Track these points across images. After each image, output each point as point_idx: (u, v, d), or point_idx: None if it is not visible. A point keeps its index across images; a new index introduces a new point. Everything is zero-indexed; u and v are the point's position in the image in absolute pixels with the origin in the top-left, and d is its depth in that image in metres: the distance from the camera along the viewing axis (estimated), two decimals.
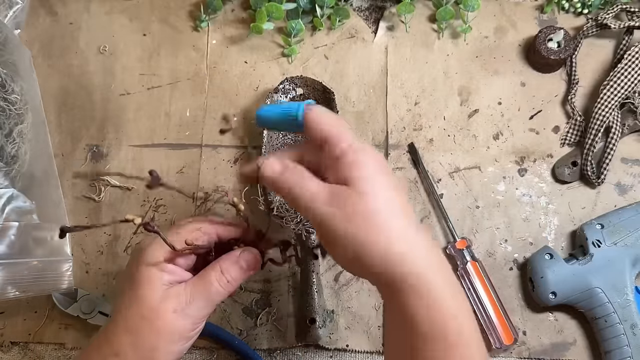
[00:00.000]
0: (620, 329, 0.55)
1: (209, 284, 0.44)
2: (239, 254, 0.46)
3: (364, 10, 0.70)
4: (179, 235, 0.45)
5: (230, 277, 0.45)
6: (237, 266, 0.46)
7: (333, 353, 0.59)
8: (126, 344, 0.42)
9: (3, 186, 0.56)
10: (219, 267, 0.45)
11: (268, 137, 0.62)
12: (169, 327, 0.43)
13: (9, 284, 0.55)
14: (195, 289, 0.44)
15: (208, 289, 0.44)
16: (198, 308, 0.44)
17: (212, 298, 0.44)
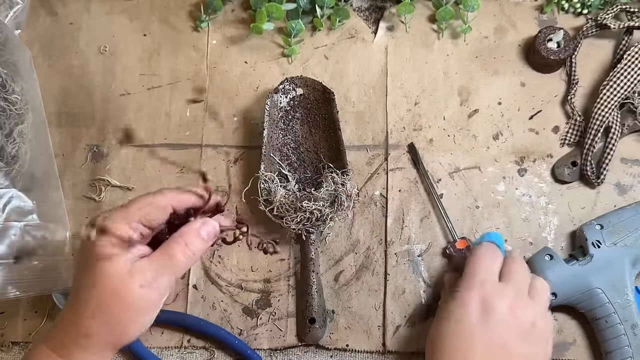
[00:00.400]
0: (621, 329, 0.55)
1: (174, 257, 0.44)
2: (199, 225, 0.46)
3: (364, 11, 0.70)
4: (127, 213, 0.45)
5: (195, 249, 0.45)
6: (199, 238, 0.46)
7: (333, 353, 0.59)
8: (97, 323, 0.43)
9: (3, 186, 0.56)
10: (183, 240, 0.45)
11: (268, 137, 0.63)
12: (139, 301, 0.43)
13: (10, 284, 0.55)
14: (159, 263, 0.44)
15: (173, 263, 0.44)
16: (164, 281, 0.44)
17: (177, 270, 0.45)
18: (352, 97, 0.67)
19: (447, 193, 0.63)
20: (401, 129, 0.66)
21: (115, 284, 0.43)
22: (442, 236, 0.62)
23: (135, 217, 0.45)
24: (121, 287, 0.43)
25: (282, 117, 0.64)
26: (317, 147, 0.64)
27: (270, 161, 0.62)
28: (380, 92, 0.67)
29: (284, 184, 0.61)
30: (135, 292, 0.43)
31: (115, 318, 0.43)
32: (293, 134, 0.64)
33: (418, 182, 0.64)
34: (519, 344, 0.48)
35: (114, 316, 0.43)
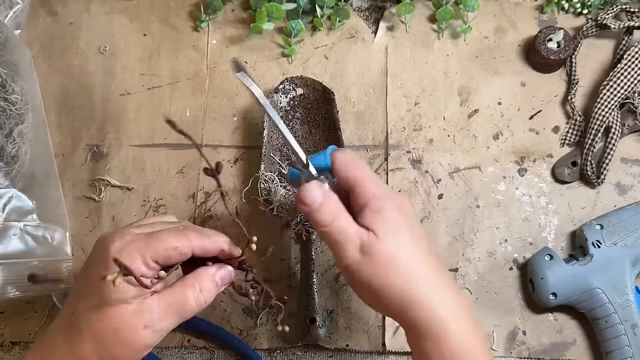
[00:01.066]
0: (621, 329, 0.55)
1: (185, 301, 0.43)
2: (215, 270, 0.45)
3: (364, 11, 0.70)
4: (148, 248, 0.42)
5: (208, 296, 0.44)
6: (213, 284, 0.44)
7: (333, 353, 0.59)
8: (91, 350, 0.41)
9: (3, 186, 0.56)
10: (198, 285, 0.43)
11: (268, 137, 0.63)
12: (138, 341, 0.41)
13: (9, 284, 0.55)
14: (168, 304, 0.42)
15: (182, 307, 0.43)
16: (169, 324, 0.43)
17: (185, 315, 0.43)
18: (352, 97, 0.67)
19: (447, 193, 0.63)
20: (401, 129, 0.66)
21: (119, 321, 0.41)
22: (444, 233, 0.62)
23: (155, 256, 0.42)
24: (124, 325, 0.41)
25: (282, 117, 0.64)
26: (317, 147, 0.64)
27: (270, 161, 0.62)
28: (380, 92, 0.67)
29: (284, 184, 0.61)
30: (137, 333, 0.41)
31: (110, 352, 0.41)
32: (293, 134, 0.64)
33: (418, 182, 0.64)
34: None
35: (109, 350, 0.41)
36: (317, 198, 0.44)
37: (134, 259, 0.41)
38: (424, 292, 0.43)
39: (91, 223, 0.63)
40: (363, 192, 0.45)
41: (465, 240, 0.62)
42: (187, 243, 0.43)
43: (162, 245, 0.42)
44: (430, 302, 0.43)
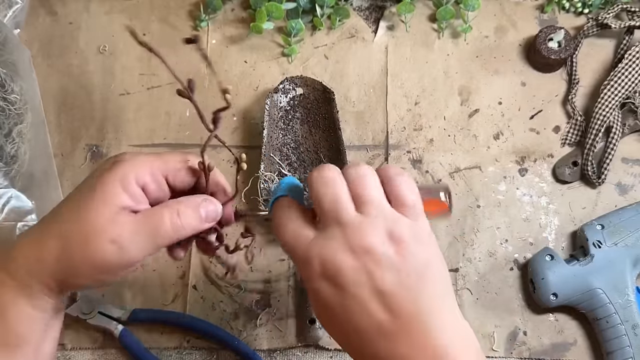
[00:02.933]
0: (622, 329, 0.55)
1: (160, 221, 0.39)
2: (201, 200, 0.41)
3: (364, 10, 0.70)
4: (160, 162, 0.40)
5: (185, 222, 0.40)
6: (196, 213, 0.40)
7: (333, 353, 0.59)
8: (51, 248, 0.38)
9: (3, 186, 0.56)
10: (176, 207, 0.40)
11: (268, 137, 0.62)
12: (99, 254, 0.38)
13: None
14: (142, 222, 0.39)
15: (156, 227, 0.39)
16: (138, 246, 0.39)
17: (157, 239, 0.39)
18: (352, 97, 0.67)
19: None
20: (401, 129, 0.65)
21: (90, 226, 0.38)
22: (445, 233, 0.62)
23: (164, 169, 0.40)
24: (92, 232, 0.38)
25: (282, 116, 0.64)
26: (317, 147, 0.63)
27: (270, 161, 0.62)
28: (380, 91, 0.67)
29: None
30: (102, 244, 0.38)
31: (71, 258, 0.38)
32: (293, 133, 0.64)
33: (418, 182, 0.63)
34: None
35: (71, 256, 0.38)
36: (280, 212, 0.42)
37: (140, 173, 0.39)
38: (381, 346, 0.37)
39: None
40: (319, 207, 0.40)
41: (465, 241, 0.62)
42: (194, 158, 0.42)
43: (172, 157, 0.41)
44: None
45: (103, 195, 0.38)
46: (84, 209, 0.38)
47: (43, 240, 0.39)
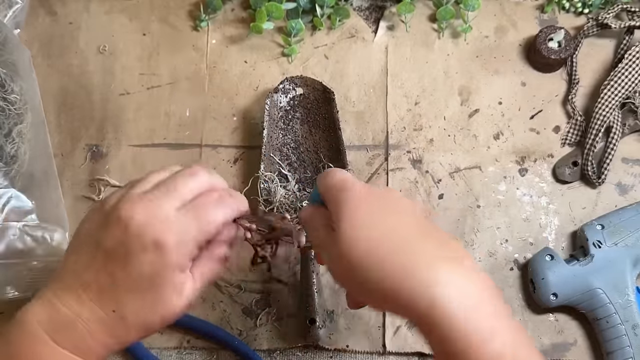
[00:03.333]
0: (622, 329, 0.55)
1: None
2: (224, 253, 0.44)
3: (364, 10, 0.70)
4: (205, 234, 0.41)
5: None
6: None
7: (333, 353, 0.59)
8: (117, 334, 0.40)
9: (2, 186, 0.56)
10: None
11: (268, 137, 0.62)
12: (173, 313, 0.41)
13: (9, 284, 0.55)
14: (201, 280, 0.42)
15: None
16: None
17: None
18: (352, 97, 0.67)
19: (448, 193, 0.63)
20: (401, 129, 0.65)
21: (171, 314, 0.40)
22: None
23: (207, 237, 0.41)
24: (173, 316, 0.40)
25: (282, 116, 0.64)
26: (317, 147, 0.63)
27: (270, 161, 0.62)
28: (380, 91, 0.67)
29: (284, 184, 0.61)
30: (176, 315, 0.41)
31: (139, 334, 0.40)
32: (293, 133, 0.64)
33: (418, 182, 0.64)
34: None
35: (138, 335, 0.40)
36: (306, 216, 0.44)
37: (194, 250, 0.40)
38: (404, 275, 0.36)
39: None
40: (328, 194, 0.41)
41: (465, 241, 0.62)
42: (230, 212, 0.42)
43: (214, 225, 0.41)
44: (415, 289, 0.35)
45: (176, 288, 0.40)
46: (161, 305, 0.40)
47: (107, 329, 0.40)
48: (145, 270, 0.39)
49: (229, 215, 0.42)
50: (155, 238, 0.38)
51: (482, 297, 0.36)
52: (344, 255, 0.38)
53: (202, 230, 0.40)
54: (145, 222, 0.38)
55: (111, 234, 0.39)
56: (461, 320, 0.35)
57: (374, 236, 0.38)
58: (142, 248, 0.38)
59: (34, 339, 0.39)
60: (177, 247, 0.39)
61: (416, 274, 0.36)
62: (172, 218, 0.39)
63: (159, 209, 0.39)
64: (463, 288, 0.36)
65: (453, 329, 0.35)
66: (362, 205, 0.39)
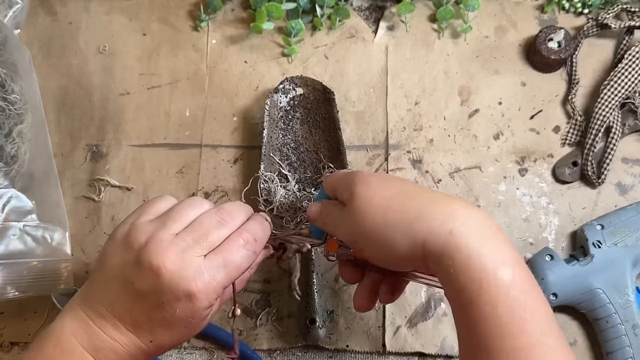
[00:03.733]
0: (622, 329, 0.55)
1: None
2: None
3: (364, 10, 0.70)
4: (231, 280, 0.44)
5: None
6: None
7: (333, 353, 0.59)
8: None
9: (3, 186, 0.56)
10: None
11: (268, 137, 0.62)
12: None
13: (9, 284, 0.55)
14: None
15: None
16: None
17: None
18: (352, 97, 0.67)
19: (448, 193, 0.63)
20: (401, 129, 0.65)
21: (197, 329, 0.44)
22: None
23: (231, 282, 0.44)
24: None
25: (282, 117, 0.64)
26: (317, 147, 0.63)
27: (270, 161, 0.62)
28: (380, 91, 0.67)
29: (284, 184, 0.61)
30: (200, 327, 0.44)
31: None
32: (293, 133, 0.64)
33: (418, 182, 0.64)
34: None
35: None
36: (317, 208, 0.48)
37: (221, 292, 0.43)
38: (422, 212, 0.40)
39: (91, 223, 0.63)
40: (338, 185, 0.47)
41: None
42: (254, 256, 0.45)
43: (240, 272, 0.44)
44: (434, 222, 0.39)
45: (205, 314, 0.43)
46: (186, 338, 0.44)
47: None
48: (177, 314, 0.41)
49: (253, 258, 0.45)
50: (186, 290, 0.41)
51: (492, 230, 0.39)
52: (362, 213, 0.42)
53: (229, 277, 0.43)
54: (177, 273, 0.40)
55: (143, 278, 0.41)
56: (475, 249, 0.37)
57: (387, 193, 0.42)
58: (175, 298, 0.41)
59: (74, 356, 0.41)
60: (206, 295, 0.41)
61: (433, 212, 0.40)
62: (203, 269, 0.41)
63: (190, 258, 0.41)
64: (475, 222, 0.39)
65: (470, 256, 0.37)
66: (370, 177, 0.44)
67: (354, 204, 0.43)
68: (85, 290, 0.44)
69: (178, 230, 0.43)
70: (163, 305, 0.41)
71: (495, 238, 0.39)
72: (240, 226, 0.45)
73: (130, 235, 0.42)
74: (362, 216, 0.42)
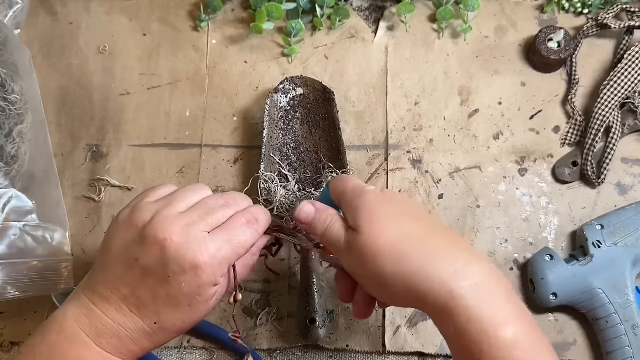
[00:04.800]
0: (622, 329, 0.55)
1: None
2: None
3: (364, 10, 0.70)
4: (237, 257, 0.44)
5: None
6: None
7: (333, 353, 0.59)
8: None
9: (3, 186, 0.56)
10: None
11: (268, 137, 0.62)
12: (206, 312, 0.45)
13: (9, 284, 0.55)
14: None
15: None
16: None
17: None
18: (352, 97, 0.67)
19: (448, 193, 0.63)
20: (401, 129, 0.65)
21: (200, 318, 0.44)
22: None
23: (236, 259, 0.45)
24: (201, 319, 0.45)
25: (282, 117, 0.64)
26: (317, 147, 0.63)
27: (270, 161, 0.62)
28: (380, 92, 0.67)
29: (284, 184, 0.61)
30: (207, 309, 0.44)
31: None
32: (293, 134, 0.64)
33: (418, 183, 0.64)
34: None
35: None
36: (309, 213, 0.46)
37: (226, 268, 0.43)
38: (424, 269, 0.39)
39: (91, 223, 0.63)
40: (344, 198, 0.45)
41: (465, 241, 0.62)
42: (257, 235, 0.46)
43: (244, 249, 0.44)
44: (435, 281, 0.38)
45: (208, 299, 0.43)
46: (190, 320, 0.44)
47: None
48: (183, 289, 0.41)
49: (256, 237, 0.45)
50: (193, 261, 0.41)
51: (496, 289, 0.39)
52: (366, 253, 0.41)
53: (234, 252, 0.43)
54: (183, 245, 0.41)
55: (148, 252, 0.41)
56: (477, 310, 0.37)
57: (393, 234, 0.41)
58: (181, 270, 0.41)
59: (76, 342, 0.41)
60: (212, 268, 0.42)
61: (435, 266, 0.39)
62: (208, 242, 0.42)
63: (195, 232, 0.42)
64: (478, 280, 0.38)
65: (470, 319, 0.37)
66: (379, 208, 0.42)
67: (357, 242, 0.42)
68: (89, 276, 0.44)
69: (183, 209, 0.43)
70: (169, 280, 0.41)
71: (498, 296, 0.38)
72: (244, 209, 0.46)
73: (133, 214, 0.43)
74: (364, 257, 0.41)
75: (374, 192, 0.44)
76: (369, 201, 0.43)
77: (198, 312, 0.43)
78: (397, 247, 0.40)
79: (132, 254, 0.42)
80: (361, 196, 0.44)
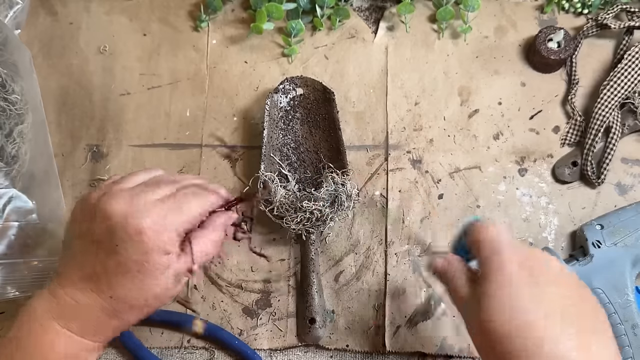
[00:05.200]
0: (621, 329, 0.55)
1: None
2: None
3: (364, 10, 0.70)
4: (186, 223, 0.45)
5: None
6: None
7: (333, 353, 0.59)
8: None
9: (3, 186, 0.56)
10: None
11: (268, 137, 0.62)
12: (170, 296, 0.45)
13: (9, 284, 0.55)
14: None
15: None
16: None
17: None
18: (352, 97, 0.67)
19: (448, 193, 0.63)
20: (401, 129, 0.65)
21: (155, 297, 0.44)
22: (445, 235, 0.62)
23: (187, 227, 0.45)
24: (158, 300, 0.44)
25: (282, 117, 0.64)
26: (317, 147, 0.64)
27: (270, 161, 0.62)
28: (380, 92, 0.67)
29: (284, 184, 0.61)
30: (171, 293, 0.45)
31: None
32: (293, 134, 0.64)
33: (418, 183, 0.64)
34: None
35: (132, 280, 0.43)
36: (441, 266, 0.46)
37: (174, 235, 0.43)
38: (539, 356, 0.37)
39: None
40: (475, 248, 0.44)
41: None
42: (209, 206, 0.46)
43: (192, 217, 0.45)
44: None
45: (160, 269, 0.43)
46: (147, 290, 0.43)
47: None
48: (130, 256, 0.42)
49: (206, 205, 0.46)
50: (136, 226, 0.42)
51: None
52: (484, 318, 0.40)
53: (181, 219, 0.44)
54: (127, 212, 0.42)
55: (98, 225, 0.43)
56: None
57: (517, 307, 0.39)
58: (126, 236, 0.42)
59: (42, 325, 0.43)
60: (156, 233, 0.42)
61: (547, 356, 0.37)
62: (151, 208, 0.43)
63: (140, 200, 0.43)
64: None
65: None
66: (511, 274, 0.41)
67: (481, 300, 0.41)
68: (59, 264, 0.46)
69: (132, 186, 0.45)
70: (117, 250, 0.42)
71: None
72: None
73: (89, 195, 0.45)
74: (484, 320, 0.40)
75: (509, 255, 0.41)
76: (502, 266, 0.41)
77: (152, 281, 0.43)
78: (515, 323, 0.39)
79: (86, 231, 0.43)
80: (496, 255, 0.42)
